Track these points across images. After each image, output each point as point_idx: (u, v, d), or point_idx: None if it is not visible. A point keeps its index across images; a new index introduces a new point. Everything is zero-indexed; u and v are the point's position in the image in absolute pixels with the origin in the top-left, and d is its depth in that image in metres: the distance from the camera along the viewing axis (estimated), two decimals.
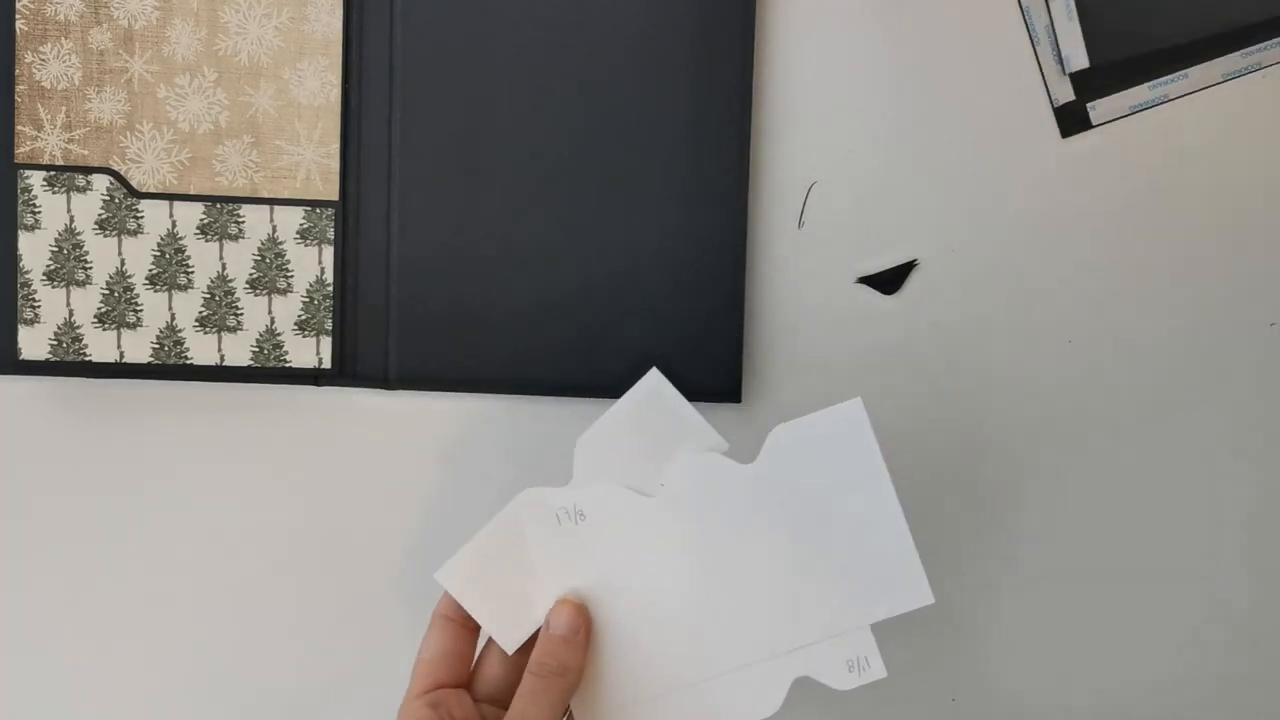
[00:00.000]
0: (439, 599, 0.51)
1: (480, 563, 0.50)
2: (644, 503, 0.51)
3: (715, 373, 0.59)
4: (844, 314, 0.60)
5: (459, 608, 0.50)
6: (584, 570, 0.51)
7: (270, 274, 0.57)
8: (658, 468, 0.51)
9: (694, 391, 0.59)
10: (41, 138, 0.56)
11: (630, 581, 0.51)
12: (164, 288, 0.57)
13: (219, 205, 0.57)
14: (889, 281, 0.59)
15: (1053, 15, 0.58)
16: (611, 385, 0.58)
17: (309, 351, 0.58)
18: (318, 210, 0.57)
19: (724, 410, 0.60)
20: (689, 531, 0.50)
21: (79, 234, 0.57)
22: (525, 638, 0.50)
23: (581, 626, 0.50)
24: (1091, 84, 0.59)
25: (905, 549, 0.50)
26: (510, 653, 0.50)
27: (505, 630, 0.50)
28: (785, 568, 0.50)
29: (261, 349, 0.58)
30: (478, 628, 0.51)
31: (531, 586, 0.50)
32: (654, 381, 0.51)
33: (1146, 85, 0.59)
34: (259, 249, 0.57)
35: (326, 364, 0.58)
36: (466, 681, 0.51)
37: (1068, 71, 0.58)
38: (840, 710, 0.61)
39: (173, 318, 0.57)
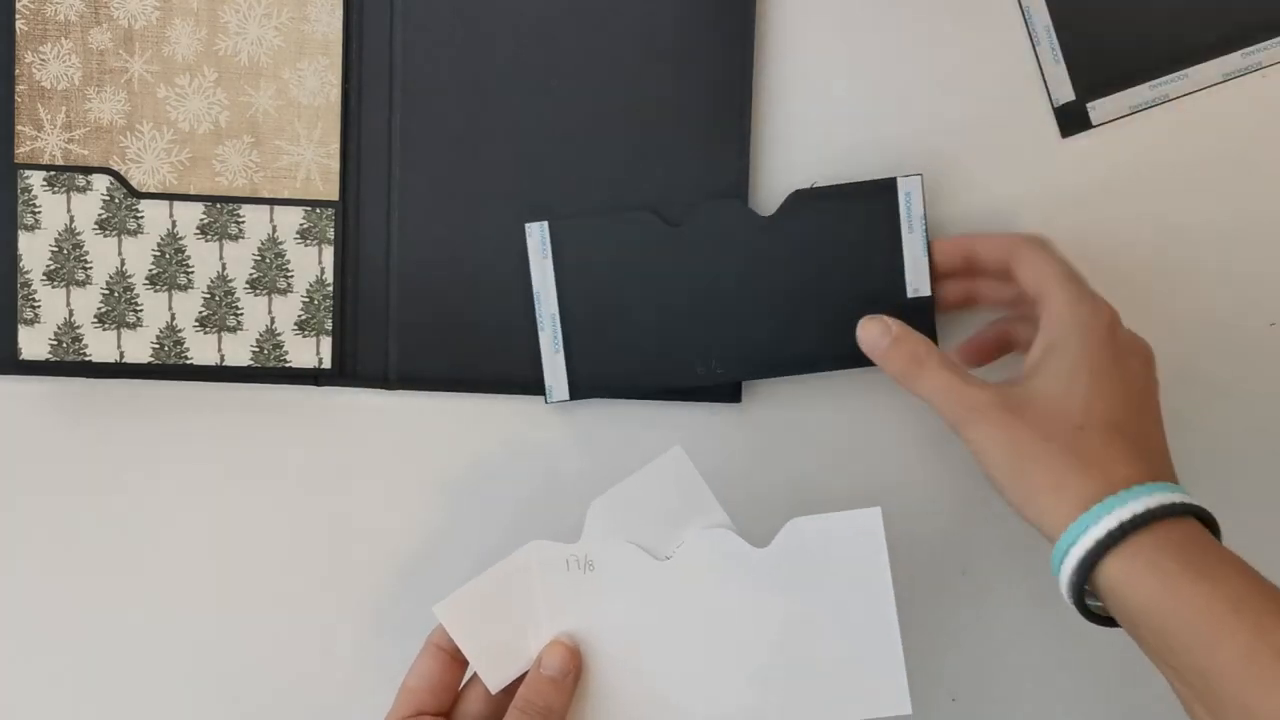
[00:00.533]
0: (434, 628, 0.52)
1: (478, 602, 0.52)
2: (652, 564, 0.52)
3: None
4: None
5: (452, 640, 0.51)
6: (584, 618, 0.52)
7: (270, 274, 0.57)
8: (665, 538, 0.52)
9: (695, 392, 0.59)
10: (41, 138, 0.56)
11: (625, 636, 0.52)
12: (164, 288, 0.57)
13: (219, 205, 0.57)
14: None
15: (1040, 57, 0.58)
16: (611, 385, 0.58)
17: (309, 351, 0.58)
18: (318, 210, 0.57)
19: (724, 410, 0.60)
20: (690, 599, 0.52)
21: (79, 234, 0.57)
22: (512, 678, 0.51)
23: (572, 670, 0.51)
24: (1091, 84, 0.59)
25: (894, 659, 0.51)
26: (494, 691, 0.51)
27: (493, 669, 0.51)
28: (775, 651, 0.52)
29: (261, 349, 0.58)
30: (467, 661, 0.52)
31: (527, 629, 0.52)
32: (677, 455, 0.53)
33: (1146, 85, 0.59)
34: (259, 249, 0.57)
35: (326, 364, 0.58)
36: (448, 711, 0.52)
37: (1055, 106, 0.59)
38: None
39: (173, 318, 0.57)
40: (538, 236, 0.57)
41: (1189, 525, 0.46)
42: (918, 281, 0.57)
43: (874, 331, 0.54)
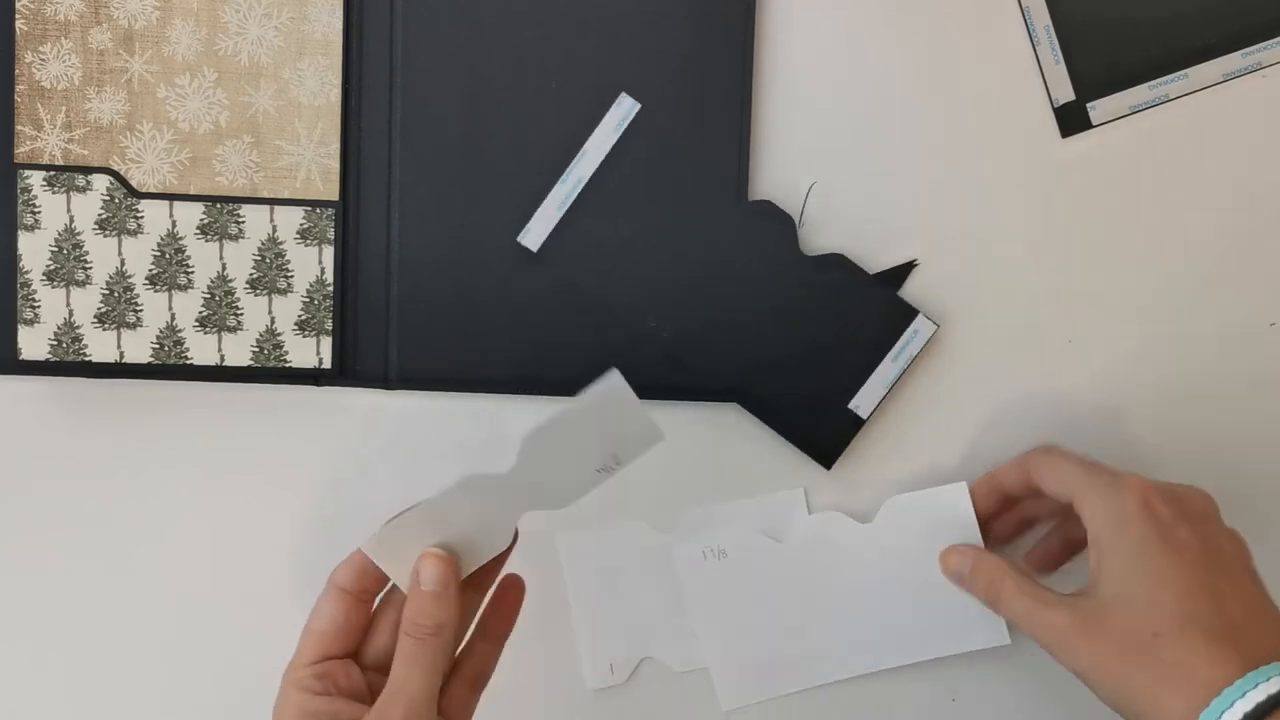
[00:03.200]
0: (334, 570, 0.50)
1: (409, 534, 0.49)
2: (775, 546, 0.60)
3: (716, 373, 0.59)
4: None
5: (357, 580, 0.49)
6: (719, 600, 0.60)
7: (270, 274, 0.57)
8: (599, 462, 0.50)
9: (694, 391, 0.59)
10: (41, 138, 0.56)
11: (757, 612, 0.60)
12: (164, 288, 0.57)
13: (219, 205, 0.57)
14: (889, 281, 0.59)
15: (1040, 57, 0.58)
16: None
17: (309, 351, 0.58)
18: (318, 210, 0.57)
19: (724, 410, 0.60)
20: (809, 574, 0.60)
21: (79, 234, 0.57)
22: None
23: (451, 580, 0.48)
24: (1091, 84, 0.59)
25: None
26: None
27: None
28: (890, 606, 0.60)
29: (262, 349, 0.58)
30: (372, 600, 0.50)
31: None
32: (615, 382, 0.49)
33: (1146, 85, 0.59)
34: (259, 249, 0.57)
35: (327, 364, 0.58)
36: (354, 652, 0.50)
37: (1055, 106, 0.58)
38: (841, 710, 0.61)
39: (173, 318, 0.57)
40: None
41: None
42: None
43: (954, 563, 0.57)
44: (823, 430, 0.59)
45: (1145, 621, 0.47)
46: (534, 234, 0.58)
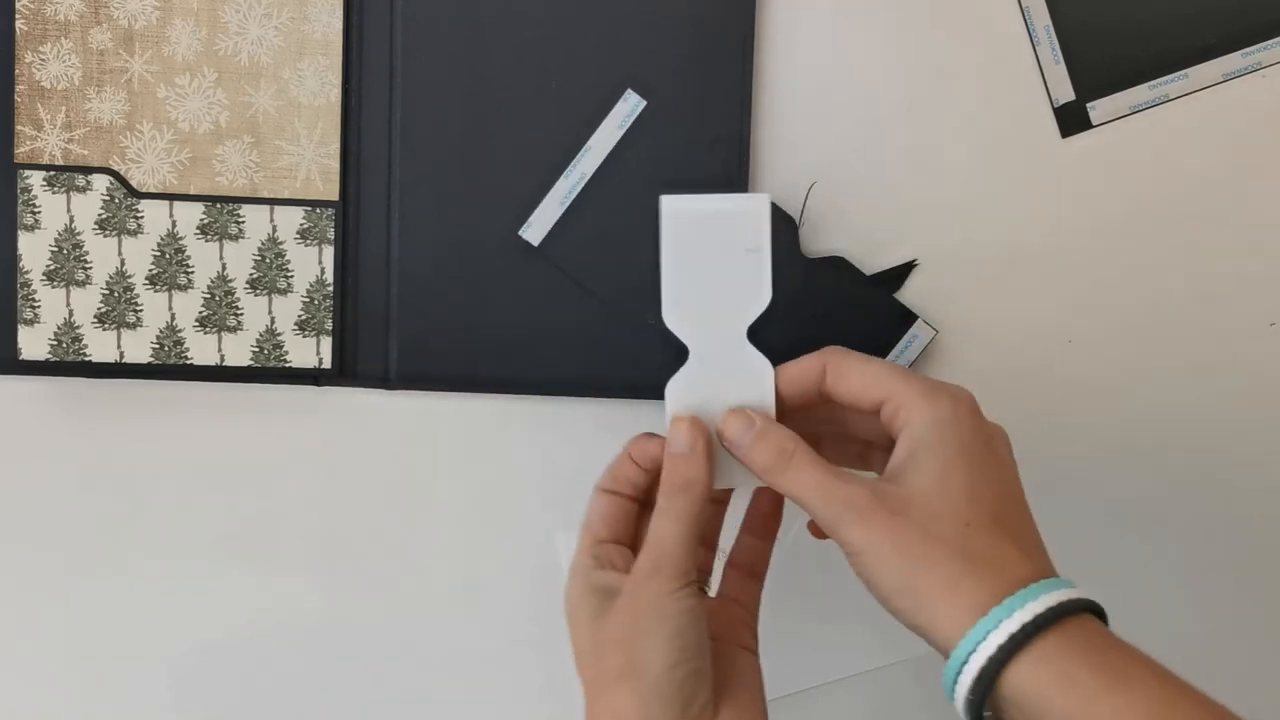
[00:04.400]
0: (603, 474, 0.51)
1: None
2: (776, 545, 0.53)
3: None
4: None
5: (617, 481, 0.50)
6: None
7: (270, 274, 0.57)
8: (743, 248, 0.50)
9: None
10: (41, 137, 0.56)
11: (767, 605, 0.54)
12: (164, 288, 0.57)
13: (219, 205, 0.57)
14: (889, 281, 0.59)
15: (1040, 57, 0.58)
16: (611, 385, 0.59)
17: (309, 351, 0.58)
18: (318, 210, 0.57)
19: None
20: (808, 573, 0.58)
21: (79, 234, 0.57)
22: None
23: (697, 441, 0.49)
24: (1091, 84, 0.59)
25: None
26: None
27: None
28: None
29: (262, 349, 0.58)
30: (635, 497, 0.51)
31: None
32: (671, 204, 0.49)
33: (1146, 85, 0.59)
34: (259, 249, 0.57)
35: (327, 364, 0.58)
36: (629, 541, 0.50)
37: (1055, 106, 0.58)
38: (840, 709, 0.61)
39: (173, 318, 0.57)
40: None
41: (1089, 624, 0.44)
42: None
43: (737, 426, 0.49)
44: None
45: (960, 511, 0.45)
46: (535, 228, 0.58)
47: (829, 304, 0.59)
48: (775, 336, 0.58)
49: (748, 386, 0.50)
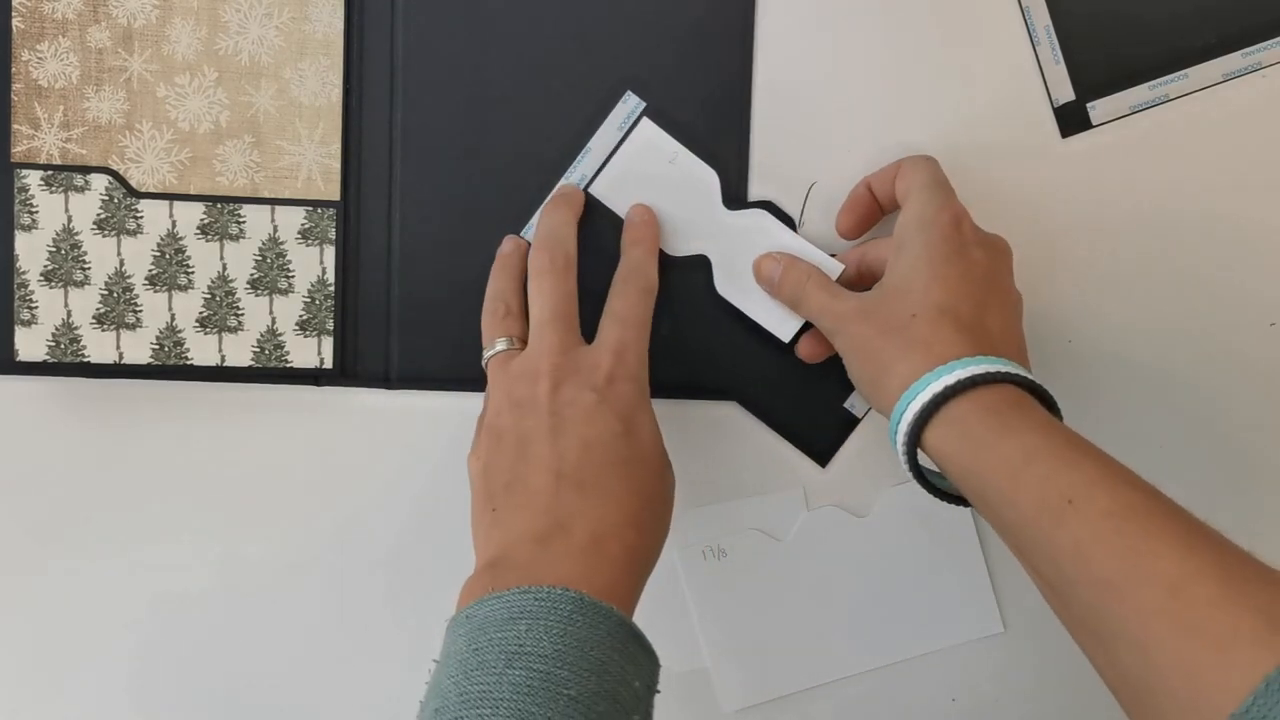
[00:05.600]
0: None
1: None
2: (775, 545, 0.60)
3: (714, 370, 0.59)
4: None
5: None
6: (720, 599, 0.61)
7: (271, 274, 0.57)
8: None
9: (692, 388, 0.59)
10: (39, 137, 0.56)
11: (762, 604, 0.61)
12: (164, 288, 0.57)
13: (219, 205, 0.57)
14: None
15: (1040, 57, 0.58)
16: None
17: (310, 351, 0.58)
18: (319, 210, 0.57)
19: (723, 408, 0.60)
20: (808, 570, 0.61)
21: (77, 234, 0.56)
22: None
23: (650, 222, 0.57)
24: (1091, 84, 0.59)
25: (984, 589, 0.61)
26: None
27: None
28: (883, 600, 0.61)
29: (262, 349, 0.57)
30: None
31: None
32: (648, 131, 0.57)
33: (1146, 85, 0.59)
34: (260, 249, 0.57)
35: (328, 364, 0.58)
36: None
37: (1055, 106, 0.59)
38: (841, 710, 0.61)
39: (173, 318, 0.57)
40: None
41: (1005, 390, 0.48)
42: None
43: (768, 266, 0.57)
44: (818, 428, 0.60)
45: (909, 306, 0.51)
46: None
47: None
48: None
49: (761, 240, 0.58)
